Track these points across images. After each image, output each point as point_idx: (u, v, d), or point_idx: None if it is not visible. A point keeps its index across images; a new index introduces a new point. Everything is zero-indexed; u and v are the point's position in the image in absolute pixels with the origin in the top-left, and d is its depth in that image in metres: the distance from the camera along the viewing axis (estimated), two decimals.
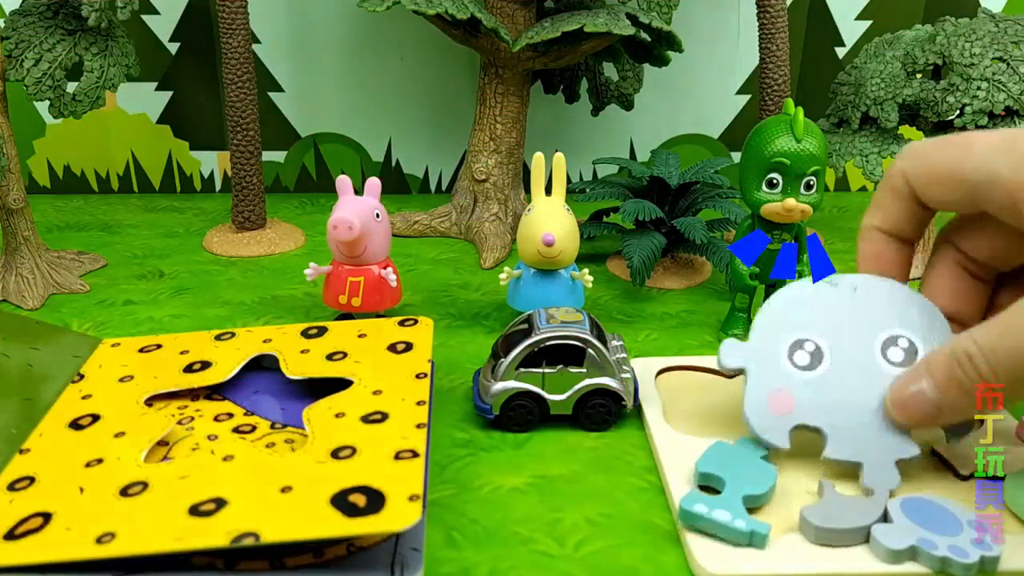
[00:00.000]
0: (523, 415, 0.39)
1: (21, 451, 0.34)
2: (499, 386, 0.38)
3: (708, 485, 0.33)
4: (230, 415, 0.39)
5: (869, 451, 0.33)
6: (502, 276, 0.47)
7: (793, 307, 0.36)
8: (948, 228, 0.36)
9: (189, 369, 0.40)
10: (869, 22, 0.70)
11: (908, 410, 0.32)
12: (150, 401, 0.38)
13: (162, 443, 0.36)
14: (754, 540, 0.30)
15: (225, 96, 0.59)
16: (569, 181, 0.63)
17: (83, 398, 0.38)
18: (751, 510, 0.32)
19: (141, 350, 0.42)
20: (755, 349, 0.36)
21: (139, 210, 0.70)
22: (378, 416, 0.35)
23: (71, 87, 0.52)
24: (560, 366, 0.38)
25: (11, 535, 0.29)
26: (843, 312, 0.36)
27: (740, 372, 0.36)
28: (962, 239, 0.35)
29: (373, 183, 0.46)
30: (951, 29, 0.53)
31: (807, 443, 0.35)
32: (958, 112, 0.51)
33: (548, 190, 0.46)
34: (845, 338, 0.35)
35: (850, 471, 0.34)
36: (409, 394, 0.36)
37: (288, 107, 0.72)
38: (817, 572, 0.30)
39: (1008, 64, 0.50)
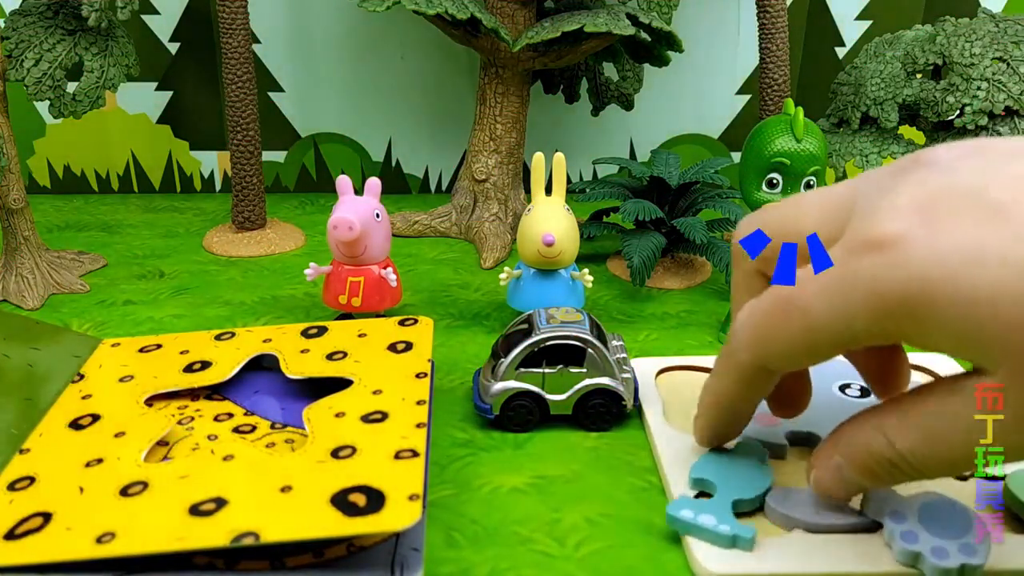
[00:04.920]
0: (523, 415, 0.39)
1: (21, 451, 0.34)
2: (499, 386, 0.38)
3: (704, 491, 0.33)
4: (230, 415, 0.39)
5: None
6: (502, 276, 0.47)
7: None
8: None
9: (189, 369, 0.40)
10: (869, 22, 0.70)
11: (822, 485, 0.30)
12: (150, 401, 0.38)
13: (162, 443, 0.36)
14: (738, 544, 0.30)
15: (225, 96, 0.59)
16: (569, 181, 0.63)
17: (83, 398, 0.38)
18: (750, 513, 0.32)
19: (141, 350, 0.42)
20: None
21: (139, 210, 0.70)
22: (378, 416, 0.35)
23: (71, 87, 0.52)
24: (560, 366, 0.38)
25: (11, 535, 0.29)
26: None
27: None
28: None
29: (373, 183, 0.46)
30: (951, 29, 0.53)
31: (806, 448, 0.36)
32: (958, 112, 0.51)
33: (548, 190, 0.46)
34: None
35: None
36: (409, 394, 0.36)
37: (288, 107, 0.72)
38: (818, 571, 0.30)
39: (1008, 64, 0.50)
